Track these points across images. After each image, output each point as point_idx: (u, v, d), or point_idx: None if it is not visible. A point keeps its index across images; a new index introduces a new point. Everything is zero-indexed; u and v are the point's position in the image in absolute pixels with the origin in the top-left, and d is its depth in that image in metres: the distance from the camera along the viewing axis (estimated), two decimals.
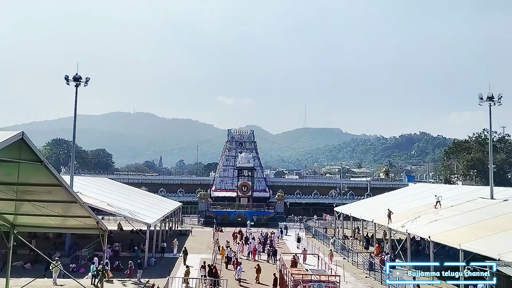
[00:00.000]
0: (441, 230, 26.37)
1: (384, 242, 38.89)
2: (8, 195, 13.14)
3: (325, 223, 57.95)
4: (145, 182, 74.77)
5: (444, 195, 36.40)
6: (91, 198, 31.20)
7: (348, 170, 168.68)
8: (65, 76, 32.86)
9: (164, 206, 44.04)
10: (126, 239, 37.27)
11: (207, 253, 34.73)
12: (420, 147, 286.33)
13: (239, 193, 64.92)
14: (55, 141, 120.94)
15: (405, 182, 77.80)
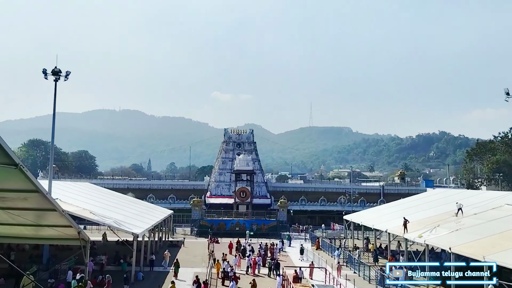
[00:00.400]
0: (463, 241, 26.34)
1: (399, 254, 38.89)
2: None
3: (333, 233, 57.92)
4: (132, 188, 74.78)
5: (466, 201, 36.40)
6: (71, 206, 31.18)
7: (359, 174, 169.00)
8: (43, 69, 32.92)
9: (153, 214, 44.01)
10: (111, 251, 37.27)
11: (201, 267, 34.71)
12: (440, 148, 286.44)
13: (237, 199, 64.90)
14: (32, 142, 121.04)
15: (422, 187, 77.82)
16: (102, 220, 31.37)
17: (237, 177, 66.22)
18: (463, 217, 32.44)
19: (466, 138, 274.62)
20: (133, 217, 36.64)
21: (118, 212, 36.69)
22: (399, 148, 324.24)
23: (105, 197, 45.79)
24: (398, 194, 69.32)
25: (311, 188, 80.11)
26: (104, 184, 68.48)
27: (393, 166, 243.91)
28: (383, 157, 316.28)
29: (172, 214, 53.08)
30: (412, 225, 33.09)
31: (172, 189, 76.74)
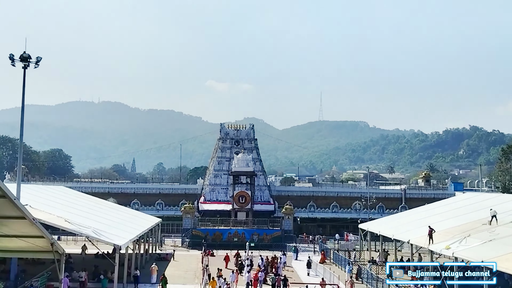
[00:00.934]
0: (497, 253, 26.36)
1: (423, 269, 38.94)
2: None
3: (346, 244, 58.01)
4: (114, 192, 74.93)
5: (502, 207, 36.41)
6: (43, 213, 31.22)
7: (377, 176, 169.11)
8: (9, 55, 32.90)
9: (138, 222, 44.14)
10: (89, 265, 37.34)
11: (194, 283, 34.79)
12: (471, 146, 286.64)
13: (235, 205, 64.99)
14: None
15: (450, 191, 77.83)
16: (79, 229, 31.42)
17: (236, 179, 66.25)
18: (497, 226, 32.46)
19: (501, 134, 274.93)
20: (115, 226, 36.72)
21: (97, 220, 36.77)
22: (424, 146, 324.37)
23: (82, 203, 45.88)
24: (422, 199, 69.41)
25: (321, 193, 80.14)
26: (82, 188, 68.65)
27: (417, 167, 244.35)
28: (404, 156, 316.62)
29: (160, 223, 53.18)
30: (439, 235, 33.11)
31: (160, 193, 76.83)
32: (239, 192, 65.58)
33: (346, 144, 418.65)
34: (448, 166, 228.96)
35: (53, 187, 55.82)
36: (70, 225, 31.38)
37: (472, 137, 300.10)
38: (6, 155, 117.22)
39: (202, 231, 59.55)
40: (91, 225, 33.22)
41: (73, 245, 50.23)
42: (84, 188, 69.77)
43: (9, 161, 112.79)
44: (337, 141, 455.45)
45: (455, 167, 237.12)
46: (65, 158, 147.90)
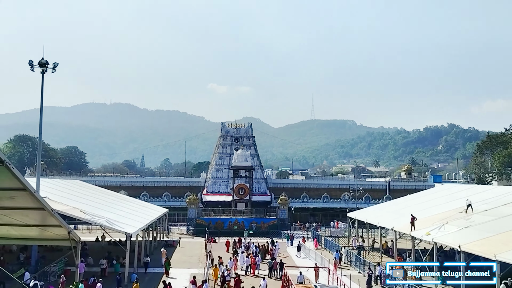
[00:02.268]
0: (473, 239, 26.44)
1: (406, 253, 39.03)
2: None
3: (336, 231, 58.08)
4: (125, 185, 74.89)
5: (477, 197, 36.52)
6: (61, 204, 31.21)
7: (364, 169, 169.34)
8: (29, 61, 32.85)
9: (147, 212, 44.10)
10: (103, 251, 37.37)
11: (198, 267, 34.83)
12: (448, 142, 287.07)
13: (235, 197, 65.01)
14: (18, 138, 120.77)
15: (430, 183, 77.95)
16: (93, 219, 31.43)
17: (235, 173, 66.27)
18: (473, 214, 32.54)
19: (476, 131, 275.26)
20: (126, 216, 36.71)
21: (110, 210, 36.76)
22: (406, 142, 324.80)
23: (96, 195, 45.85)
24: (405, 190, 69.47)
25: (313, 185, 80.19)
26: (95, 182, 68.58)
27: (400, 161, 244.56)
28: (389, 151, 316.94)
29: (167, 213, 53.18)
30: (420, 222, 33.20)
31: (166, 186, 76.80)
32: (239, 185, 65.60)
33: (336, 141, 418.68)
34: (428, 160, 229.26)
35: (69, 181, 55.81)
36: (85, 215, 31.37)
37: (450, 133, 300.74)
38: (26, 152, 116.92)
39: (205, 220, 59.57)
40: (104, 215, 33.20)
41: (88, 234, 50.27)
42: (97, 182, 69.70)
43: (29, 158, 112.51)
44: (327, 138, 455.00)
45: (434, 161, 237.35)
46: (80, 155, 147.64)
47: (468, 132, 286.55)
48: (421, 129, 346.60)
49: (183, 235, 56.10)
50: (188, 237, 55.61)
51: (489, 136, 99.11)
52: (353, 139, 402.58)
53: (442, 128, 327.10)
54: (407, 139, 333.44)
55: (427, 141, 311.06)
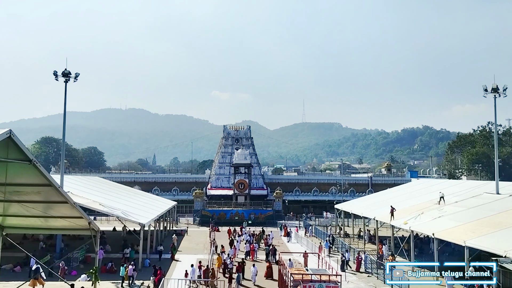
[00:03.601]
0: (445, 227, 26.49)
1: (386, 240, 39.05)
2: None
3: (325, 221, 58.08)
4: (138, 181, 74.76)
5: (448, 190, 36.60)
6: (82, 198, 31.15)
7: (349, 166, 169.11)
8: (53, 71, 32.81)
9: (158, 205, 44.03)
10: (119, 239, 37.31)
11: (204, 253, 34.79)
12: (423, 141, 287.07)
13: (235, 191, 64.94)
14: (44, 139, 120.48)
15: (407, 178, 77.95)
16: (110, 211, 31.37)
17: (236, 170, 66.21)
18: (445, 205, 32.61)
19: (448, 132, 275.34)
20: (140, 208, 36.65)
21: (125, 203, 36.71)
22: (386, 142, 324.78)
23: (113, 190, 45.77)
24: (385, 184, 69.44)
25: (304, 180, 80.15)
26: (112, 178, 68.41)
27: (380, 159, 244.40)
28: (371, 150, 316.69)
29: (175, 205, 53.07)
30: (399, 212, 33.24)
31: (175, 182, 76.68)
32: (239, 180, 65.53)
33: (324, 141, 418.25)
34: (405, 158, 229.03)
35: (89, 178, 55.70)
36: (103, 207, 31.31)
37: (424, 134, 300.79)
38: (51, 152, 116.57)
39: (209, 211, 59.50)
40: (120, 207, 33.15)
41: (106, 224, 50.11)
42: (114, 178, 69.50)
43: (54, 157, 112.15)
44: (317, 139, 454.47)
45: (411, 158, 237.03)
46: (99, 154, 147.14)
47: (441, 133, 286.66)
48: (399, 130, 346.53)
49: (190, 225, 56.05)
50: (194, 226, 55.56)
51: (459, 136, 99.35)
52: (339, 139, 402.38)
53: (417, 130, 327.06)
54: (387, 139, 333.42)
55: (404, 141, 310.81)
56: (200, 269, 25.94)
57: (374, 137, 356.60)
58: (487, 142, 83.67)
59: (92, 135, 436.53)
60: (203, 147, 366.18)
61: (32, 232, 33.06)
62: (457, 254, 30.32)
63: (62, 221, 16.49)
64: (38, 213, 15.26)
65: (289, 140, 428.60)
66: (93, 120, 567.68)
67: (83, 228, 17.62)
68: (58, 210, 15.35)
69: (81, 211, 15.92)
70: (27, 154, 11.12)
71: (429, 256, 32.08)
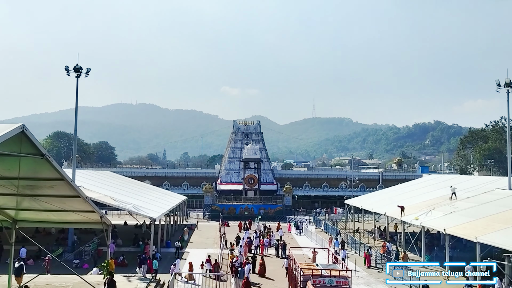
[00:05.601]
0: (456, 223, 26.30)
1: (396, 236, 38.91)
2: (9, 190, 13.27)
3: (335, 216, 57.98)
4: (149, 175, 75.15)
5: (460, 186, 36.28)
6: (94, 192, 31.40)
7: (359, 161, 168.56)
8: (65, 67, 33.05)
9: (168, 199, 44.27)
10: (130, 233, 37.60)
11: (214, 248, 34.94)
12: (435, 137, 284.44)
13: (245, 186, 65.07)
14: (56, 134, 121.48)
15: (418, 173, 77.47)
16: (122, 205, 31.60)
17: (246, 165, 66.34)
18: (456, 201, 32.36)
19: (460, 127, 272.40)
20: (150, 203, 36.87)
21: (136, 198, 36.95)
22: (397, 137, 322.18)
23: (124, 184, 46.09)
24: (396, 180, 69.15)
25: (314, 175, 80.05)
26: (123, 172, 68.91)
27: (391, 154, 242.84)
28: (381, 146, 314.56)
29: (186, 200, 53.35)
30: (409, 208, 33.06)
31: (185, 176, 77.00)
32: (249, 175, 65.65)
33: (334, 136, 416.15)
34: (417, 153, 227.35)
35: (100, 172, 56.11)
36: (115, 202, 31.55)
37: (436, 129, 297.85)
38: (63, 146, 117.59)
39: (219, 206, 59.69)
40: (131, 202, 33.37)
41: (117, 218, 50.52)
42: (125, 173, 70.01)
43: (66, 152, 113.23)
44: (327, 134, 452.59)
45: (422, 154, 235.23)
46: (110, 149, 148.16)
47: (452, 128, 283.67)
48: (410, 125, 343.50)
49: (200, 219, 56.29)
50: (204, 221, 55.78)
51: (471, 131, 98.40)
52: (349, 134, 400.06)
53: (429, 125, 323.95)
54: (397, 134, 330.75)
55: (415, 136, 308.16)
56: (210, 263, 26.07)
57: (384, 132, 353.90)
58: (500, 138, 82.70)
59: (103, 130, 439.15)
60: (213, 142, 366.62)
61: (44, 225, 33.41)
62: (468, 250, 30.11)
63: (74, 215, 16.63)
64: (50, 207, 15.40)
65: (299, 135, 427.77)
66: (104, 115, 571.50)
67: (95, 222, 17.76)
68: (70, 204, 15.48)
69: (93, 205, 16.04)
70: (40, 148, 11.21)
71: (440, 252, 31.87)
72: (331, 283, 18.30)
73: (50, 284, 19.82)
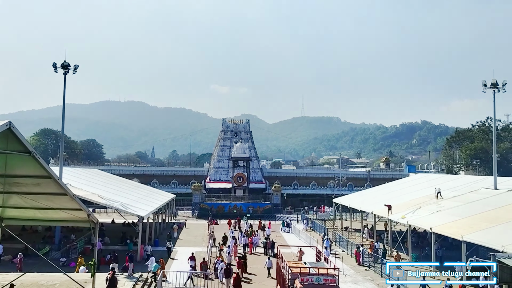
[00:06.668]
0: (442, 222, 26.57)
1: (384, 234, 39.18)
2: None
3: (323, 214, 58.20)
4: (137, 174, 74.71)
5: (446, 185, 36.66)
6: (81, 190, 31.14)
7: (347, 160, 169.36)
8: (53, 63, 32.66)
9: (157, 198, 44.07)
10: (118, 232, 37.35)
11: (202, 246, 34.87)
12: (422, 136, 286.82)
13: (234, 184, 65.00)
14: (43, 131, 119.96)
15: (405, 172, 78.05)
16: (109, 203, 31.38)
17: (235, 163, 66.22)
18: (443, 200, 32.68)
19: (446, 127, 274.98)
20: (138, 201, 36.69)
21: (124, 196, 36.73)
22: (384, 136, 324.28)
23: (112, 182, 45.78)
24: (383, 179, 69.61)
25: (303, 174, 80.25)
26: (111, 170, 68.37)
27: (379, 153, 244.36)
28: (369, 145, 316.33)
29: (174, 198, 53.14)
30: (396, 207, 33.31)
31: (174, 175, 76.69)
32: (238, 174, 65.56)
33: (323, 135, 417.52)
34: (404, 153, 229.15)
35: (88, 170, 55.70)
36: (102, 200, 31.32)
37: (423, 129, 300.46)
38: (50, 144, 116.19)
39: (208, 204, 59.58)
40: (119, 200, 33.17)
41: (105, 216, 50.15)
42: (113, 171, 69.45)
43: (53, 149, 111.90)
44: (316, 133, 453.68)
45: (409, 153, 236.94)
46: (97, 147, 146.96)
47: (439, 128, 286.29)
48: (398, 125, 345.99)
49: (188, 217, 56.12)
50: (193, 219, 55.63)
51: (457, 131, 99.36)
52: (338, 133, 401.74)
53: (416, 124, 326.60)
54: (385, 134, 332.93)
55: (403, 135, 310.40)
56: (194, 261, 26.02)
57: (372, 132, 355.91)
58: (486, 137, 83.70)
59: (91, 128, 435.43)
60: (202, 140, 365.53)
61: (31, 223, 33.02)
62: (454, 248, 30.47)
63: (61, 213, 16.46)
64: (37, 205, 15.24)
65: (288, 134, 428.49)
66: (92, 112, 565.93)
67: (82, 220, 17.61)
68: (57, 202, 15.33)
69: (80, 203, 15.90)
70: (27, 145, 11.08)
71: (426, 250, 32.19)
72: (319, 281, 18.36)
73: (36, 282, 19.61)
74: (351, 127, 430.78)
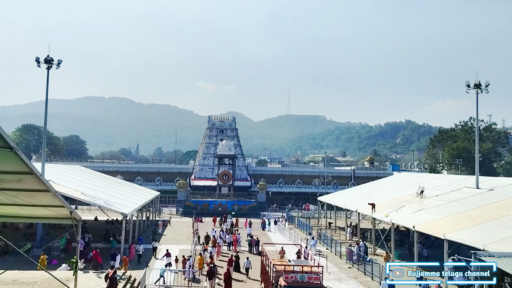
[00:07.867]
0: (425, 220, 26.88)
1: (367, 232, 39.52)
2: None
3: (308, 213, 58.47)
4: (121, 170, 74.11)
5: (429, 184, 37.11)
6: (64, 187, 30.78)
7: (332, 159, 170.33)
8: (35, 58, 32.16)
9: (141, 195, 43.75)
10: (101, 229, 37.03)
11: (186, 244, 34.77)
12: (405, 136, 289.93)
13: (219, 182, 64.94)
14: (25, 127, 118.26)
15: (389, 171, 78.88)
16: (92, 200, 31.07)
17: (220, 161, 66.16)
18: (426, 199, 33.06)
19: (430, 127, 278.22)
20: (122, 198, 36.37)
21: (108, 193, 36.37)
22: (369, 135, 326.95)
23: (95, 179, 45.30)
24: (368, 177, 70.18)
25: (288, 172, 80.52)
26: (94, 167, 67.68)
27: (363, 152, 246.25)
28: (354, 144, 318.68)
29: (158, 195, 52.82)
30: (380, 205, 33.60)
31: (159, 172, 76.28)
32: (223, 171, 65.52)
33: (308, 134, 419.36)
34: (388, 152, 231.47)
35: (71, 166, 54.96)
36: (85, 197, 31.00)
37: (407, 128, 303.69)
38: (32, 140, 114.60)
39: (193, 202, 59.43)
40: (103, 197, 32.85)
41: (88, 213, 49.68)
42: (96, 167, 68.75)
43: (35, 145, 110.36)
44: (301, 131, 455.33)
45: (393, 152, 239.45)
46: (81, 143, 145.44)
47: (423, 128, 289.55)
48: (382, 124, 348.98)
49: (173, 215, 55.90)
50: (177, 217, 55.43)
51: (440, 131, 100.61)
52: (323, 132, 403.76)
53: (400, 124, 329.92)
54: (370, 133, 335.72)
55: (387, 134, 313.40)
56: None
57: (357, 131, 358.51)
58: (468, 137, 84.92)
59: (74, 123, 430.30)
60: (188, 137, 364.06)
61: (12, 220, 32.45)
62: (436, 247, 30.89)
63: (43, 210, 16.23)
64: (18, 201, 14.99)
65: (274, 132, 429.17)
66: (75, 108, 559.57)
67: (64, 217, 17.37)
68: (39, 198, 15.11)
69: (63, 200, 15.69)
70: (8, 141, 10.88)
71: (409, 248, 32.56)
72: (303, 279, 18.48)
73: (17, 280, 19.35)
74: (336, 125, 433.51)
